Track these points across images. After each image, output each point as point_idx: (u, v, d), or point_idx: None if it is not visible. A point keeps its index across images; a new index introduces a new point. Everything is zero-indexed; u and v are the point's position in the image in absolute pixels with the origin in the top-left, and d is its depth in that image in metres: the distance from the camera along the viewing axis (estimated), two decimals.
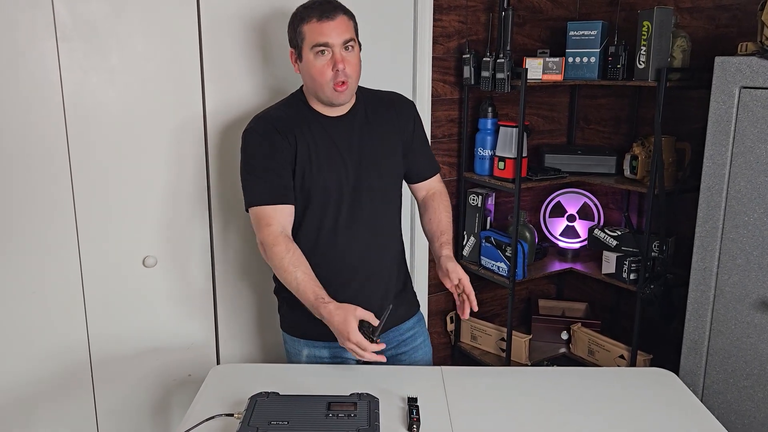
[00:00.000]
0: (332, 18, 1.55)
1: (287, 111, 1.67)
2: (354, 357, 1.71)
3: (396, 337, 1.78)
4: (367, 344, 1.44)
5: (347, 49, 1.58)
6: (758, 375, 1.93)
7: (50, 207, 1.80)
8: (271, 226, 1.59)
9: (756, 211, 1.89)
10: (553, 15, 2.79)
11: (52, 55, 1.72)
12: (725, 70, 1.92)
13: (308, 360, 1.75)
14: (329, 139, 1.65)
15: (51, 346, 1.88)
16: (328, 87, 1.58)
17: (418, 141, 1.79)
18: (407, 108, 1.78)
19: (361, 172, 1.66)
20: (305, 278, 1.55)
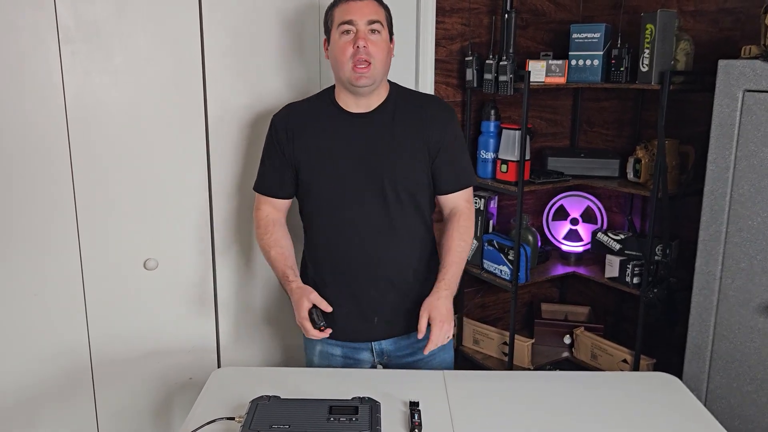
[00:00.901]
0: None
1: (312, 104, 1.72)
2: (365, 360, 1.74)
3: (412, 344, 1.74)
4: (309, 328, 1.56)
5: (373, 32, 1.58)
6: (762, 379, 1.92)
7: (51, 208, 1.80)
8: (259, 210, 1.76)
9: (760, 214, 1.88)
10: (556, 18, 2.79)
11: (54, 57, 1.72)
12: (728, 73, 1.92)
13: (320, 355, 1.75)
14: (345, 135, 1.64)
15: (52, 348, 1.88)
16: (349, 66, 1.57)
17: (448, 151, 1.69)
18: (442, 114, 1.70)
19: (373, 172, 1.63)
20: (277, 257, 1.69)
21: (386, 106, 1.67)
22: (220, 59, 1.93)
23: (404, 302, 1.71)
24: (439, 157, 1.69)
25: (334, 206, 1.65)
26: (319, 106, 1.69)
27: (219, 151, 1.98)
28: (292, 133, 1.66)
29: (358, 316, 1.70)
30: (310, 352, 1.79)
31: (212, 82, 1.93)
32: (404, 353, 1.75)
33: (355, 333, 1.72)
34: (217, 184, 2.00)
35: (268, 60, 2.00)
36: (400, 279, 1.70)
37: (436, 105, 1.73)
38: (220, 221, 2.04)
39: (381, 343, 1.74)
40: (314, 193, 1.67)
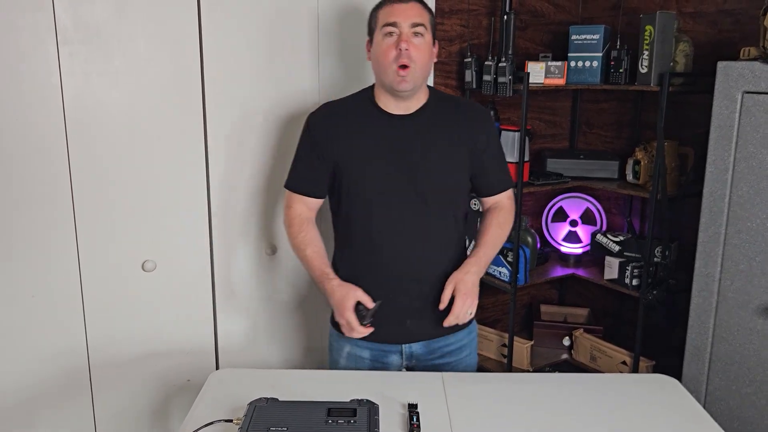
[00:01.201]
0: (404, 1, 1.58)
1: (352, 103, 1.71)
2: (394, 362, 1.74)
3: (442, 347, 1.75)
4: (356, 325, 1.57)
5: (416, 35, 1.58)
6: (761, 381, 1.92)
7: (50, 210, 1.79)
8: (291, 209, 1.74)
9: (759, 216, 1.88)
10: (556, 19, 2.79)
11: (53, 58, 1.71)
12: (727, 75, 1.92)
13: (348, 357, 1.75)
14: (385, 137, 1.64)
15: (50, 349, 1.87)
16: (391, 69, 1.57)
17: (490, 154, 1.72)
18: (482, 118, 1.73)
19: (413, 175, 1.63)
20: (313, 256, 1.68)
21: (426, 110, 1.68)
22: (218, 61, 1.92)
23: (436, 304, 1.70)
24: (484, 161, 1.72)
25: (372, 207, 1.65)
26: (358, 106, 1.69)
27: (217, 152, 1.98)
28: (331, 132, 1.65)
29: (391, 318, 1.69)
30: (336, 353, 1.78)
31: (211, 84, 1.93)
32: (434, 356, 1.75)
33: (387, 335, 1.71)
34: (215, 185, 2.00)
35: (266, 61, 1.99)
36: (433, 281, 1.69)
37: (475, 108, 1.76)
38: (219, 223, 2.03)
39: (411, 346, 1.73)
40: (352, 194, 1.66)
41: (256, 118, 2.01)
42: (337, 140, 1.65)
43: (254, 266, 2.12)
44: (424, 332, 1.73)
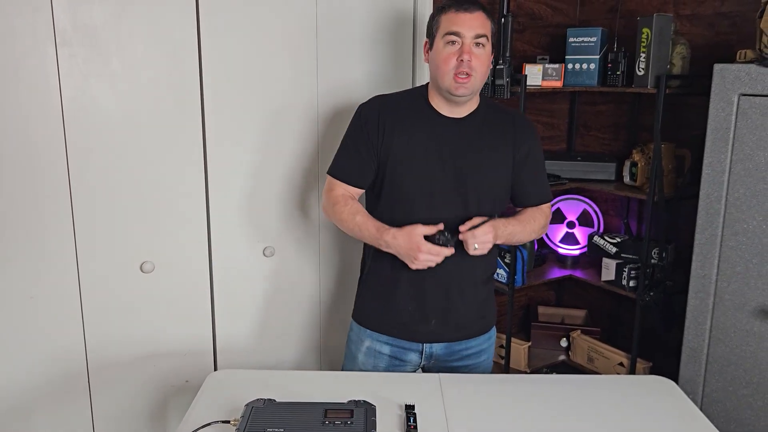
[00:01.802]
0: (469, 11, 1.58)
1: (405, 99, 1.72)
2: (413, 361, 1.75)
3: (462, 350, 1.77)
4: (438, 249, 1.55)
5: (477, 45, 1.59)
6: (758, 383, 1.93)
7: (48, 211, 1.80)
8: (333, 191, 1.73)
9: (755, 218, 1.89)
10: (553, 22, 2.80)
11: (51, 60, 1.72)
12: (724, 77, 1.92)
13: (367, 351, 1.76)
14: (436, 137, 1.65)
15: (48, 351, 1.87)
16: (450, 76, 1.58)
17: (531, 166, 1.74)
18: (528, 129, 1.75)
19: (460, 177, 1.64)
20: (364, 218, 1.66)
21: (477, 115, 1.69)
22: (217, 62, 1.93)
23: (464, 310, 1.73)
24: (526, 171, 1.74)
25: (417, 205, 1.65)
26: (413, 104, 1.69)
27: (216, 154, 1.98)
28: (386, 125, 1.65)
29: (418, 316, 1.71)
30: (355, 347, 1.80)
31: (209, 86, 1.93)
32: (453, 358, 1.77)
33: (411, 332, 1.73)
34: (214, 186, 2.00)
35: (265, 62, 2.00)
36: (464, 285, 1.71)
37: (523, 119, 1.79)
38: (217, 224, 2.04)
39: (433, 346, 1.75)
40: (398, 189, 1.66)
41: (254, 120, 2.02)
42: (393, 134, 1.66)
43: (253, 267, 2.12)
44: (447, 334, 1.74)
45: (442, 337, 1.74)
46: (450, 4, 1.61)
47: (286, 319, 2.21)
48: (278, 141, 2.06)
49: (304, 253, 2.19)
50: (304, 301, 2.23)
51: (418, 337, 1.73)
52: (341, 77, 2.13)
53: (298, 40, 2.04)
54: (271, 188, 2.08)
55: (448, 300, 1.71)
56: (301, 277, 2.20)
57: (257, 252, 2.11)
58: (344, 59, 2.13)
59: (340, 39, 2.10)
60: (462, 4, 1.59)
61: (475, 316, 1.77)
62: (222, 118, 1.97)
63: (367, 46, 2.15)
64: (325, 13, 2.06)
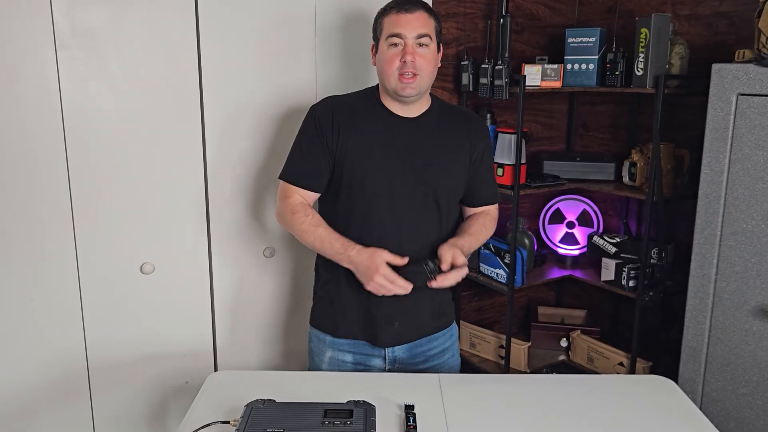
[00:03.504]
0: (410, 11, 1.58)
1: (357, 100, 1.70)
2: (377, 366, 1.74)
3: (424, 352, 1.76)
4: (395, 276, 1.53)
5: (421, 45, 1.59)
6: (757, 382, 1.93)
7: (48, 213, 1.80)
8: (289, 198, 1.69)
9: (754, 218, 1.89)
10: (552, 22, 2.80)
11: (51, 62, 1.72)
12: (722, 77, 1.93)
13: (330, 362, 1.75)
14: (393, 136, 1.65)
15: (48, 352, 1.88)
16: (394, 77, 1.59)
17: (485, 166, 1.77)
18: (482, 129, 1.77)
19: (419, 175, 1.64)
20: (327, 233, 1.63)
21: (431, 114, 1.70)
22: (216, 64, 1.93)
23: (424, 307, 1.73)
24: (479, 170, 1.74)
25: (374, 205, 1.64)
26: (366, 104, 1.69)
27: (216, 155, 1.99)
28: (340, 125, 1.64)
29: (379, 321, 1.70)
30: (318, 359, 1.78)
31: (209, 88, 1.93)
32: (416, 361, 1.76)
33: (374, 337, 1.72)
34: (213, 187, 2.01)
35: (264, 64, 2.00)
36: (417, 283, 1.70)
37: (475, 118, 1.80)
38: (217, 225, 2.04)
39: (395, 350, 1.74)
40: (354, 190, 1.65)
41: (254, 122, 2.02)
42: (347, 134, 1.64)
43: (253, 268, 2.12)
44: (411, 334, 1.73)
45: (405, 338, 1.73)
46: (391, 5, 1.62)
47: (286, 320, 2.21)
48: (278, 142, 2.07)
49: (303, 253, 2.20)
50: (303, 301, 2.23)
51: (381, 341, 1.72)
52: (341, 77, 2.14)
53: (298, 41, 2.04)
54: (271, 189, 2.08)
55: (412, 299, 1.67)
56: (300, 277, 2.20)
57: (257, 252, 2.11)
58: (343, 57, 2.13)
59: (339, 38, 2.10)
60: (402, 5, 1.59)
61: (433, 314, 1.76)
62: (221, 119, 1.97)
63: (367, 44, 2.15)
64: (324, 12, 2.06)
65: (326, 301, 1.77)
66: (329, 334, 1.75)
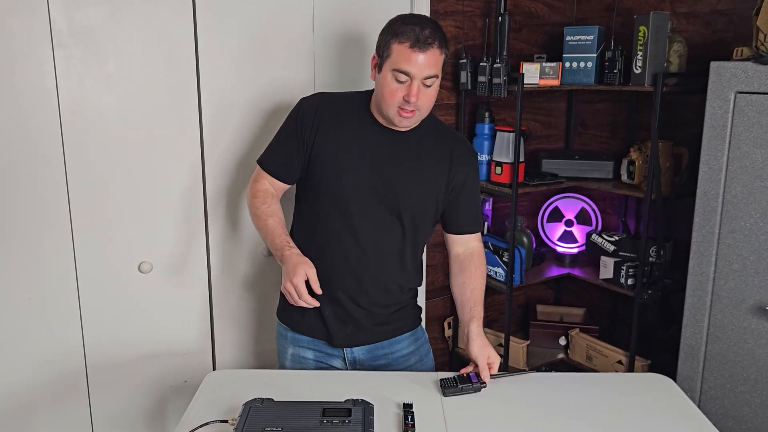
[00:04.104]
0: (424, 51, 1.48)
1: (346, 102, 1.67)
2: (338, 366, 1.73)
3: (386, 354, 1.75)
4: (304, 292, 1.50)
5: (426, 85, 1.52)
6: (755, 380, 1.93)
7: (46, 212, 1.80)
8: (258, 182, 1.71)
9: (752, 216, 1.89)
10: (550, 20, 2.80)
11: (48, 61, 1.72)
12: (720, 75, 1.93)
13: (293, 359, 1.75)
14: (370, 143, 1.62)
15: (46, 352, 1.88)
16: (394, 109, 1.53)
17: (467, 194, 1.71)
18: (468, 156, 1.71)
19: (388, 186, 1.61)
20: (276, 225, 1.63)
21: (417, 132, 1.65)
22: (214, 63, 1.93)
23: (381, 315, 1.71)
24: (459, 198, 1.70)
25: (340, 209, 1.62)
26: (353, 107, 1.65)
27: (213, 154, 1.99)
28: (320, 122, 1.61)
29: (333, 322, 1.69)
30: (282, 356, 1.79)
31: (206, 87, 1.93)
32: (378, 362, 1.74)
33: (329, 337, 1.70)
34: (211, 186, 2.00)
35: (262, 63, 2.00)
36: (382, 294, 1.70)
37: (465, 145, 1.74)
38: (215, 224, 2.04)
39: (353, 351, 1.72)
40: (324, 190, 1.63)
41: (251, 121, 2.02)
42: (325, 133, 1.61)
43: (250, 267, 2.12)
44: (366, 337, 1.72)
45: (358, 342, 1.71)
46: (406, 33, 1.48)
47: None
48: None
49: None
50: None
51: (335, 342, 1.70)
52: (338, 75, 2.13)
53: (296, 39, 2.04)
54: None
55: (367, 307, 1.68)
56: None
57: (255, 251, 2.11)
58: (342, 57, 2.13)
59: (337, 36, 2.10)
60: (419, 41, 1.47)
61: (393, 318, 1.73)
62: (219, 117, 1.97)
63: (366, 46, 2.15)
64: (322, 10, 2.06)
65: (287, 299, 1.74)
66: (290, 328, 1.74)
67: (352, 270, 1.66)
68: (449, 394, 1.51)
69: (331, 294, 1.66)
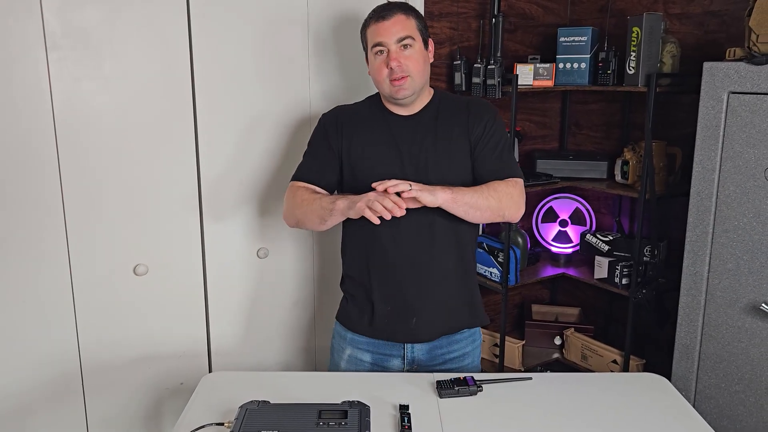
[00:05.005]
0: (387, 18, 1.62)
1: (361, 107, 1.77)
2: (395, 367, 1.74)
3: (444, 354, 1.75)
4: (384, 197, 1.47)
5: (405, 47, 1.62)
6: (749, 379, 1.94)
7: (40, 215, 1.79)
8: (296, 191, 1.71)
9: (745, 215, 1.90)
10: (544, 21, 2.81)
11: (42, 63, 1.71)
12: (713, 75, 1.93)
13: (349, 360, 1.76)
14: (393, 135, 1.68)
15: (42, 354, 1.87)
16: (386, 83, 1.64)
17: (490, 144, 1.68)
18: (482, 111, 1.71)
19: (421, 172, 1.64)
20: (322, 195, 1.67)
21: (430, 108, 1.72)
22: (209, 66, 1.93)
23: (441, 303, 1.72)
24: (481, 150, 1.68)
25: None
26: (369, 109, 1.75)
27: (209, 156, 1.98)
28: (342, 126, 1.71)
29: (398, 316, 1.71)
30: (337, 356, 1.80)
31: (201, 89, 1.93)
32: (435, 363, 1.75)
33: (391, 333, 1.72)
34: (206, 188, 2.00)
35: (256, 67, 2.00)
36: (438, 278, 1.70)
37: (478, 102, 1.75)
38: (210, 225, 2.03)
39: (414, 350, 1.74)
40: (360, 188, 1.65)
41: (246, 123, 2.02)
42: (349, 135, 1.70)
43: (246, 269, 2.12)
44: (431, 331, 1.72)
45: (424, 336, 1.72)
46: (370, 16, 1.67)
47: (280, 321, 2.21)
48: (270, 142, 2.06)
49: (298, 253, 2.20)
50: (298, 302, 2.23)
51: (398, 337, 1.72)
52: (334, 79, 2.14)
53: (292, 43, 2.04)
54: (264, 189, 2.08)
55: (423, 296, 1.69)
56: (295, 277, 2.20)
57: (251, 253, 2.11)
58: (336, 61, 2.13)
59: (331, 40, 2.10)
60: (379, 13, 1.64)
61: (454, 309, 1.74)
62: (214, 119, 1.97)
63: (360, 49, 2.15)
64: (317, 14, 2.06)
65: (347, 296, 1.80)
66: (349, 330, 1.77)
67: (403, 262, 1.67)
68: (445, 396, 1.51)
69: (391, 290, 1.68)
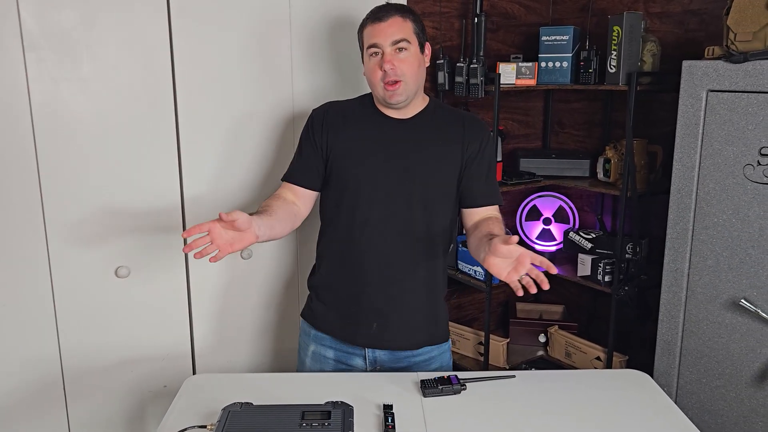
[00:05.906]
0: (383, 20, 1.60)
1: (353, 104, 1.74)
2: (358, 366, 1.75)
3: (408, 357, 1.74)
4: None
5: (399, 50, 1.59)
6: (730, 374, 1.96)
7: (19, 218, 1.77)
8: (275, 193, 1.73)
9: (725, 212, 1.92)
10: (526, 21, 2.82)
11: (19, 64, 1.69)
12: (692, 73, 1.95)
13: (313, 356, 1.77)
14: (382, 137, 1.67)
15: (22, 359, 1.85)
16: (380, 86, 1.62)
17: (482, 166, 1.69)
18: (479, 129, 1.71)
19: (406, 176, 1.64)
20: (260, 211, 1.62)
21: (425, 115, 1.70)
22: (190, 66, 1.91)
23: (408, 316, 1.71)
24: (475, 171, 1.69)
25: (360, 202, 1.65)
26: (361, 107, 1.72)
27: (190, 158, 1.97)
28: (330, 125, 1.69)
29: (358, 319, 1.70)
30: (303, 353, 1.81)
31: (182, 90, 1.91)
32: (400, 365, 1.74)
33: (352, 336, 1.71)
34: (188, 189, 1.99)
35: (237, 68, 1.99)
36: (408, 285, 1.69)
37: (474, 119, 1.75)
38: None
39: (375, 352, 1.73)
40: (341, 186, 1.66)
41: (228, 124, 2.01)
42: (335, 132, 1.68)
43: (230, 270, 2.11)
44: (390, 341, 1.72)
45: (382, 343, 1.71)
46: (367, 17, 1.64)
47: (264, 322, 2.20)
48: (253, 144, 2.05)
49: (281, 254, 2.19)
50: (282, 303, 2.22)
51: (359, 341, 1.72)
52: (316, 80, 2.13)
53: (273, 44, 2.03)
54: (246, 190, 2.07)
55: (390, 303, 1.69)
56: (278, 278, 2.19)
57: (234, 254, 2.10)
58: (319, 62, 2.12)
59: (313, 41, 2.09)
60: (375, 14, 1.62)
61: (418, 325, 1.73)
62: (196, 121, 1.95)
63: (342, 50, 2.15)
64: (299, 15, 2.05)
65: (313, 293, 1.80)
66: (313, 326, 1.77)
67: (376, 265, 1.67)
68: (429, 395, 1.51)
69: (357, 291, 1.68)
